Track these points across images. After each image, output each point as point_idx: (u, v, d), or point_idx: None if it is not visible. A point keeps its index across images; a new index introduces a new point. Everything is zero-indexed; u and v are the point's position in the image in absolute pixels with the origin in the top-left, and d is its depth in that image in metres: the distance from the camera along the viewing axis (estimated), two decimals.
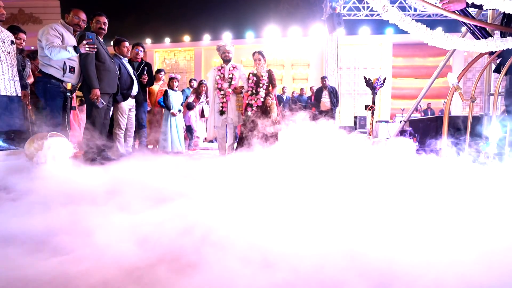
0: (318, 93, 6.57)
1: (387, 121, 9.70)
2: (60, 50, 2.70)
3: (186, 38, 13.51)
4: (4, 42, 2.64)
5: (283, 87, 9.29)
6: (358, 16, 10.89)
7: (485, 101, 2.64)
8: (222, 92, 4.11)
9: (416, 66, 12.06)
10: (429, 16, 10.28)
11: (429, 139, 2.61)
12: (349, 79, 12.42)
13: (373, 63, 12.32)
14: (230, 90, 4.09)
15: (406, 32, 1.61)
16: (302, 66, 13.09)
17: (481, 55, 1.89)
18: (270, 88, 4.09)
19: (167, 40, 13.67)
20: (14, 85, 2.67)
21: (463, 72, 2.05)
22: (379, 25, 12.00)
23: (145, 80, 4.14)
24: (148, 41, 13.56)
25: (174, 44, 13.65)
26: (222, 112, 4.15)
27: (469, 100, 1.99)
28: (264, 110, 4.03)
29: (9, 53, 2.66)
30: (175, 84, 4.89)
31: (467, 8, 1.65)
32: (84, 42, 2.74)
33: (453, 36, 1.52)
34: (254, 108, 4.04)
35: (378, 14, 11.21)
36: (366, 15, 10.75)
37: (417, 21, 1.54)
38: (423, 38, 1.51)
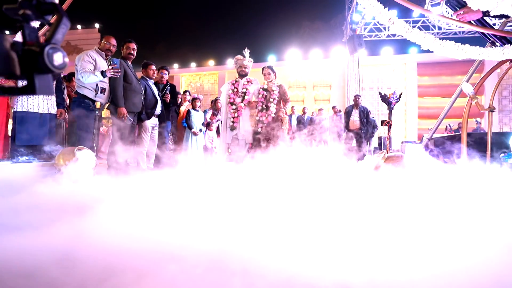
0: (348, 112, 6.46)
1: (414, 142, 9.29)
2: (90, 75, 3.02)
3: (211, 62, 14.22)
4: None
5: (304, 108, 9.32)
6: (379, 37, 10.90)
7: None
8: (233, 107, 3.93)
9: (443, 84, 11.64)
10: (455, 34, 10.04)
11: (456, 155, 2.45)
12: (372, 100, 12.21)
13: (397, 83, 12.08)
14: (242, 104, 3.91)
15: (430, 51, 1.59)
16: (323, 87, 13.15)
17: (500, 63, 1.80)
18: (282, 103, 3.91)
19: (192, 64, 14.47)
20: (47, 104, 2.94)
21: (481, 82, 1.96)
22: (402, 45, 11.89)
23: (168, 99, 4.36)
24: (175, 66, 14.43)
25: (200, 68, 14.40)
26: (232, 128, 3.95)
27: (487, 109, 1.89)
28: (275, 127, 3.82)
29: None
30: (198, 104, 5.13)
31: (484, 18, 1.61)
32: (110, 67, 3.07)
33: (465, 45, 1.48)
34: (265, 124, 3.83)
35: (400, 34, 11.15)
36: (388, 36, 10.73)
37: (442, 39, 1.53)
38: (433, 48, 1.48)
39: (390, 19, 1.41)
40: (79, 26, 17.46)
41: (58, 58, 0.55)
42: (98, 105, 3.11)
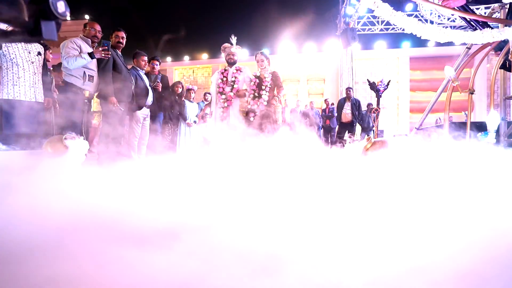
0: (340, 104, 6.49)
1: (406, 135, 9.42)
2: (76, 59, 2.99)
3: (204, 55, 14.09)
4: (30, 52, 2.92)
5: (297, 101, 9.35)
6: (373, 31, 10.95)
7: (501, 105, 2.50)
8: (223, 97, 3.83)
9: (434, 79, 11.77)
10: (445, 27, 10.13)
11: None
12: (365, 93, 12.29)
13: (390, 77, 12.17)
14: (231, 94, 3.81)
15: (423, 45, 1.61)
16: (317, 81, 13.18)
17: (480, 49, 1.84)
18: (276, 91, 3.75)
19: (186, 57, 14.33)
20: (35, 92, 2.90)
21: (463, 67, 2.00)
22: (395, 39, 11.97)
23: (159, 87, 4.30)
24: (168, 59, 14.27)
25: (193, 62, 14.28)
26: (223, 118, 3.85)
27: (467, 91, 1.94)
28: (268, 115, 3.64)
29: (33, 63, 2.92)
30: (192, 95, 5.07)
31: (467, 5, 1.64)
32: (100, 48, 3.03)
33: (447, 29, 1.51)
34: (257, 113, 3.65)
35: (394, 28, 11.21)
36: (381, 30, 10.77)
37: None
38: (416, 31, 1.50)
39: (375, 2, 1.43)
40: (68, 18, 17.04)
41: (61, 6, 0.62)
42: (86, 93, 3.08)
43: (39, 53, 3.01)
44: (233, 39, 3.89)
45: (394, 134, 9.41)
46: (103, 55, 3.05)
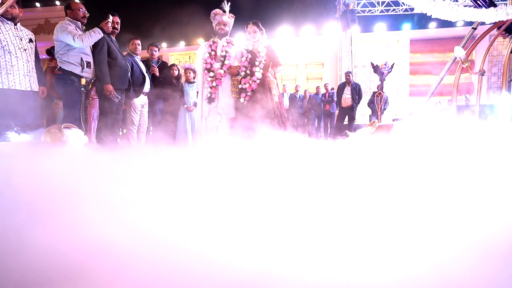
0: (340, 89, 6.42)
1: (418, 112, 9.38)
2: (91, 34, 2.97)
3: (200, 41, 13.77)
4: (22, 39, 2.80)
5: (296, 86, 9.24)
6: (373, 12, 10.69)
7: (503, 79, 2.43)
8: (211, 74, 3.25)
9: (435, 62, 11.61)
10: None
11: None
12: (364, 77, 12.14)
13: (389, 60, 11.98)
14: (222, 71, 3.23)
15: (424, 27, 1.54)
16: (316, 65, 12.96)
17: (489, 30, 1.78)
18: (271, 67, 3.24)
19: (181, 43, 14.01)
20: (29, 80, 2.82)
21: (473, 47, 1.95)
22: (395, 21, 11.69)
23: (156, 72, 4.16)
24: (163, 45, 13.93)
25: (189, 47, 13.96)
26: (211, 100, 3.29)
27: (478, 73, 1.90)
28: (262, 94, 3.15)
29: (25, 50, 2.82)
30: (191, 75, 4.65)
31: None
32: (107, 22, 3.08)
33: (459, 6, 1.45)
34: (249, 93, 3.16)
35: (394, 9, 10.93)
36: (381, 11, 10.51)
37: None
38: (428, 10, 1.44)
39: None
40: (58, 2, 16.35)
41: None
42: (83, 81, 3.00)
43: (30, 40, 2.90)
44: (226, 6, 3.29)
45: (394, 118, 9.37)
46: (111, 27, 3.10)
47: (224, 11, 3.30)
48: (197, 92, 3.37)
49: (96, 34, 3.00)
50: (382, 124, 1.67)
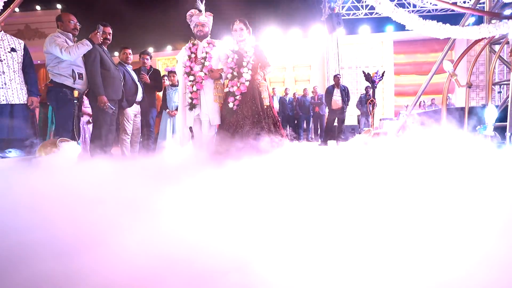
0: (329, 91, 6.56)
1: (391, 119, 9.68)
2: (79, 47, 2.90)
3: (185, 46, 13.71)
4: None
5: (286, 89, 9.36)
6: (357, 16, 10.96)
7: (489, 91, 2.59)
8: (191, 78, 2.97)
9: (418, 62, 12.01)
10: (429, 11, 10.29)
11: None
12: (351, 78, 12.41)
13: (374, 61, 12.31)
14: (202, 74, 2.94)
15: (406, 29, 1.64)
16: (303, 67, 13.15)
17: (475, 42, 1.92)
18: (259, 68, 2.96)
19: (168, 48, 13.90)
20: (5, 94, 2.76)
21: (459, 60, 2.08)
22: (379, 23, 12.02)
23: (146, 79, 4.13)
24: (150, 49, 13.78)
25: (176, 52, 13.84)
26: (192, 106, 2.98)
27: (465, 86, 2.02)
28: (252, 98, 2.89)
29: (1, 61, 2.75)
30: (176, 78, 4.50)
31: None
32: (98, 32, 3.01)
33: (446, 25, 1.56)
34: (237, 97, 2.89)
35: (377, 13, 11.25)
36: (365, 14, 10.79)
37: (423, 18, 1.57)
38: (417, 28, 1.54)
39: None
40: (38, 7, 15.84)
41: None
42: (76, 93, 2.97)
43: (12, 49, 2.82)
44: (202, 5, 3.03)
45: (381, 118, 9.64)
46: (101, 39, 3.01)
47: (200, 11, 3.01)
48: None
49: (84, 46, 2.94)
50: (377, 132, 1.76)
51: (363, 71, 4.10)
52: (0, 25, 2.75)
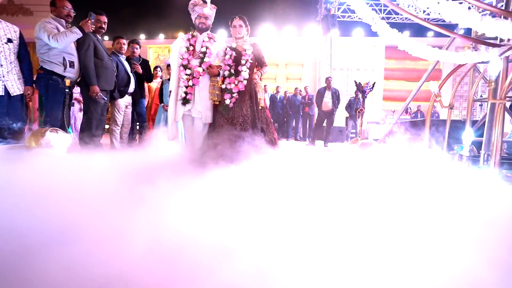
0: (320, 93, 6.66)
1: (377, 123, 9.95)
2: (67, 34, 2.81)
3: (180, 35, 13.47)
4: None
5: (277, 87, 9.41)
6: (352, 18, 11.08)
7: (468, 111, 2.74)
8: (187, 72, 2.84)
9: (407, 69, 12.34)
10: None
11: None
12: (342, 80, 12.61)
13: (365, 65, 12.55)
14: (200, 69, 2.84)
15: None
16: (296, 65, 13.22)
17: (460, 65, 2.04)
18: (256, 67, 2.96)
19: (161, 36, 13.61)
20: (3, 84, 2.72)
21: (444, 81, 2.20)
22: (371, 27, 12.21)
23: (139, 70, 4.08)
24: (142, 36, 13.46)
25: (169, 41, 13.59)
26: (186, 101, 2.84)
27: (448, 107, 2.15)
28: (248, 97, 2.87)
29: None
30: None
31: None
32: (89, 20, 2.93)
33: (434, 49, 1.66)
34: (234, 95, 2.83)
35: None
36: (360, 17, 10.92)
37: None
38: (410, 51, 1.64)
39: (373, 18, 1.52)
40: None
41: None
42: (68, 82, 2.91)
43: (9, 40, 2.76)
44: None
45: (368, 121, 9.88)
46: (93, 28, 2.93)
47: (205, 2, 2.87)
48: (170, 92, 2.93)
49: (73, 34, 2.84)
50: (364, 142, 1.86)
51: (354, 81, 4.20)
52: None
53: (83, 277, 0.89)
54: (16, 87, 2.78)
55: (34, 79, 2.95)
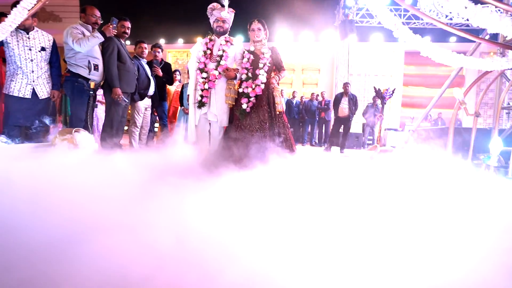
0: (337, 99, 6.60)
1: (396, 129, 9.70)
2: (90, 39, 2.95)
3: (199, 39, 13.73)
4: (31, 49, 2.91)
5: (293, 92, 9.40)
6: (370, 24, 10.93)
7: (496, 119, 2.60)
8: (204, 75, 2.86)
9: (428, 75, 11.98)
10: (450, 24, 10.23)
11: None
12: (359, 86, 12.41)
13: (384, 71, 12.30)
14: (216, 72, 2.85)
15: None
16: (312, 71, 13.15)
17: (486, 72, 1.96)
18: (274, 72, 2.94)
19: (180, 41, 13.94)
20: (33, 88, 2.95)
21: (469, 88, 2.12)
22: (391, 33, 11.96)
23: (159, 72, 4.18)
24: (161, 41, 13.84)
25: (187, 45, 13.89)
26: (201, 104, 2.88)
27: (473, 115, 2.06)
28: (266, 102, 2.83)
29: (32, 60, 2.93)
30: None
31: None
32: (110, 26, 3.06)
33: (461, 55, 1.61)
34: (251, 99, 2.81)
35: None
36: (379, 23, 10.74)
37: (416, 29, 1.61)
38: (433, 57, 1.59)
39: (395, 24, 1.50)
40: None
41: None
42: (92, 85, 3.04)
43: (42, 49, 2.97)
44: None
45: (386, 128, 9.66)
46: (115, 32, 3.07)
47: (223, 6, 2.88)
48: (188, 96, 2.99)
49: (95, 38, 2.95)
50: (384, 148, 1.81)
51: (374, 87, 4.11)
52: (33, 24, 2.91)
53: (102, 273, 0.92)
54: (45, 90, 2.98)
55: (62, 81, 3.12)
